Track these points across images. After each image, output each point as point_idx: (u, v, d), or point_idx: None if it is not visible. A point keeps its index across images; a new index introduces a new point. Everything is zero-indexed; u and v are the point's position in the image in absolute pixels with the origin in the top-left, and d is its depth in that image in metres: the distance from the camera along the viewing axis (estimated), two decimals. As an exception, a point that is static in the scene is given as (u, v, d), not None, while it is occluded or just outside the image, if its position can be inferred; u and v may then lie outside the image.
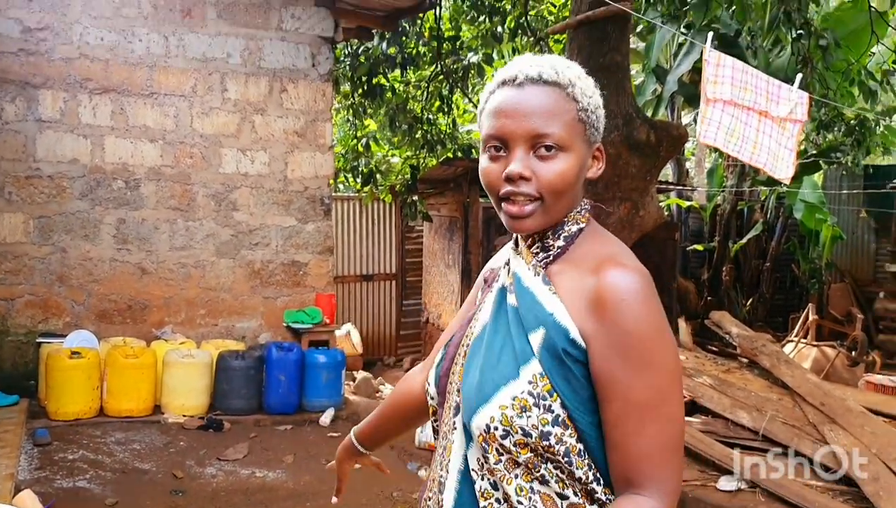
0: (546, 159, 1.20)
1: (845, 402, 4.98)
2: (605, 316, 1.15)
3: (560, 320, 1.18)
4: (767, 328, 10.31)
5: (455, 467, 1.24)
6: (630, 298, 1.15)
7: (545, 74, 1.22)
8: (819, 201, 10.44)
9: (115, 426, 5.91)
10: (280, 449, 5.65)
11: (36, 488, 4.35)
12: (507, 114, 1.22)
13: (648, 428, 1.12)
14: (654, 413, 1.12)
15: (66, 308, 6.64)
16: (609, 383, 1.13)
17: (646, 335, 1.14)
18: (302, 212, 7.37)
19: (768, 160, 4.70)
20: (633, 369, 1.13)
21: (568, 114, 1.22)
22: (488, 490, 1.19)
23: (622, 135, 5.48)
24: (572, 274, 1.23)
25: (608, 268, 1.18)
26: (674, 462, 1.14)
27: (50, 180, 6.57)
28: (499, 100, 1.24)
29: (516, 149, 1.21)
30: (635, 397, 1.12)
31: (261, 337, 7.21)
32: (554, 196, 1.21)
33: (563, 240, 1.27)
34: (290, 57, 7.27)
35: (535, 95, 1.22)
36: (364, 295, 10.40)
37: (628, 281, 1.16)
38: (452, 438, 1.25)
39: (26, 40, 6.45)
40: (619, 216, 5.56)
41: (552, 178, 1.20)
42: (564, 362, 1.16)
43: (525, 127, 1.20)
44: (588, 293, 1.18)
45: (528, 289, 1.24)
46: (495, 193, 1.24)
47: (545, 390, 1.15)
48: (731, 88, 4.59)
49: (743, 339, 6.08)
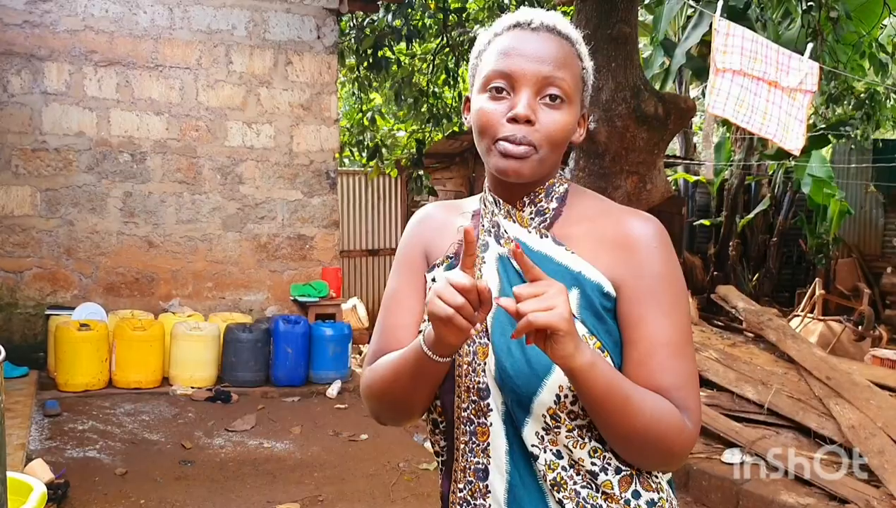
0: (552, 108, 1.18)
1: (851, 376, 4.98)
2: (635, 263, 1.18)
3: (591, 276, 1.18)
4: (774, 303, 10.31)
5: (500, 448, 1.19)
6: (659, 244, 1.20)
7: (559, 26, 1.21)
8: (827, 176, 10.38)
9: (125, 397, 5.97)
10: (287, 421, 5.69)
11: (47, 458, 4.40)
12: (521, 52, 1.18)
13: (678, 364, 1.16)
14: (681, 350, 1.17)
15: (74, 280, 6.67)
16: (638, 324, 1.17)
17: (674, 278, 1.20)
18: (308, 185, 7.37)
19: (778, 130, 4.66)
20: (663, 311, 1.17)
21: (576, 67, 1.21)
22: (553, 462, 1.17)
23: (630, 107, 5.42)
24: (581, 232, 1.22)
25: (630, 218, 1.22)
26: (697, 392, 1.19)
27: (56, 153, 6.57)
28: (511, 39, 1.20)
29: (522, 92, 1.17)
30: (666, 336, 1.16)
31: (268, 310, 7.24)
32: (550, 147, 1.18)
33: (556, 201, 1.25)
34: (296, 29, 7.22)
35: (551, 41, 1.19)
36: (370, 269, 10.42)
37: (653, 228, 1.21)
38: (487, 421, 1.20)
39: (31, 12, 6.42)
40: (626, 190, 5.52)
41: (554, 128, 1.17)
42: (604, 317, 1.17)
43: (538, 68, 1.17)
44: (610, 243, 1.20)
45: (542, 253, 1.21)
46: (491, 135, 1.18)
47: (596, 348, 1.15)
48: (740, 58, 4.54)
49: (749, 313, 6.08)
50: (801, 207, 11.52)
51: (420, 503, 4.29)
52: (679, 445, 1.14)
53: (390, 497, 4.34)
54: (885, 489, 4.04)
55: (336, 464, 4.85)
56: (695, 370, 1.20)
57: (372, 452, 5.09)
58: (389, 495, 4.38)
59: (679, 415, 1.14)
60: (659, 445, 1.13)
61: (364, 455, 5.03)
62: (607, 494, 1.16)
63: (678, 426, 1.13)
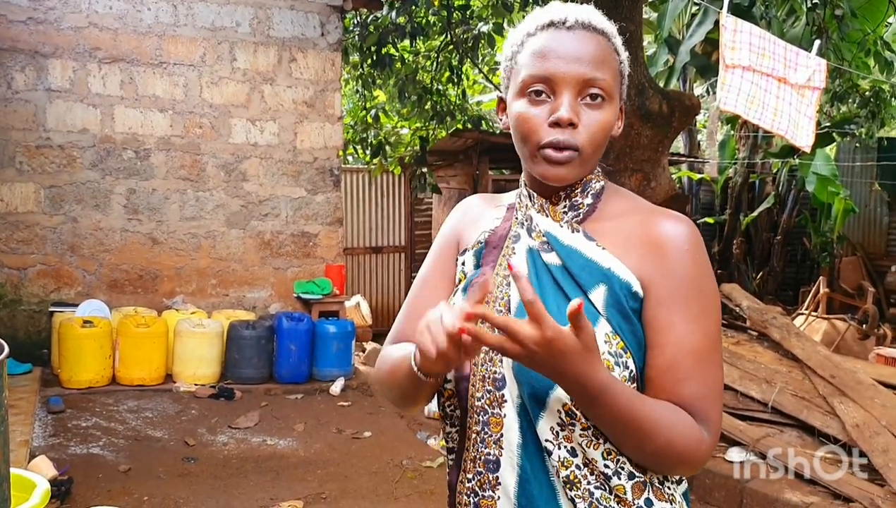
0: (593, 108, 1.16)
1: (856, 375, 4.97)
2: (665, 264, 1.15)
3: (620, 274, 1.16)
4: (778, 301, 10.27)
5: (513, 441, 1.17)
6: (691, 247, 1.16)
7: (595, 21, 1.18)
8: (832, 174, 10.34)
9: (128, 394, 5.97)
10: (291, 418, 5.69)
11: (50, 454, 4.41)
12: (559, 54, 1.15)
13: (703, 373, 1.13)
14: (708, 359, 1.14)
15: (78, 277, 6.67)
16: (665, 329, 1.14)
17: (706, 283, 1.17)
18: (311, 182, 7.37)
19: (789, 127, 4.65)
20: (692, 316, 1.14)
21: (614, 63, 1.19)
22: (567, 459, 1.14)
23: (634, 105, 5.42)
24: (612, 228, 1.20)
25: (664, 219, 1.19)
26: (720, 403, 1.16)
27: (60, 150, 6.57)
28: (546, 40, 1.17)
29: (563, 94, 1.15)
30: (693, 343, 1.13)
31: (271, 307, 7.24)
32: (594, 147, 1.17)
33: (591, 197, 1.23)
34: (300, 26, 7.22)
35: (588, 39, 1.17)
36: (373, 267, 10.42)
37: (687, 231, 1.17)
38: (501, 412, 1.18)
39: (35, 9, 6.42)
40: (631, 187, 5.51)
41: (596, 129, 1.16)
42: (630, 317, 1.15)
43: (578, 70, 1.14)
44: (640, 242, 1.17)
45: (572, 247, 1.19)
46: (535, 142, 1.16)
47: (619, 348, 1.13)
48: (748, 54, 4.53)
49: (753, 312, 6.06)
50: (806, 205, 11.49)
51: (423, 500, 4.29)
52: (696, 459, 1.12)
53: (393, 495, 4.34)
54: (890, 487, 4.03)
55: (339, 461, 4.85)
56: (720, 379, 1.17)
57: (375, 449, 5.09)
58: (393, 492, 4.38)
59: (697, 430, 1.11)
60: (675, 460, 1.12)
61: (367, 453, 5.03)
62: (620, 498, 1.14)
63: (695, 442, 1.11)
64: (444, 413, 1.28)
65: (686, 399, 1.12)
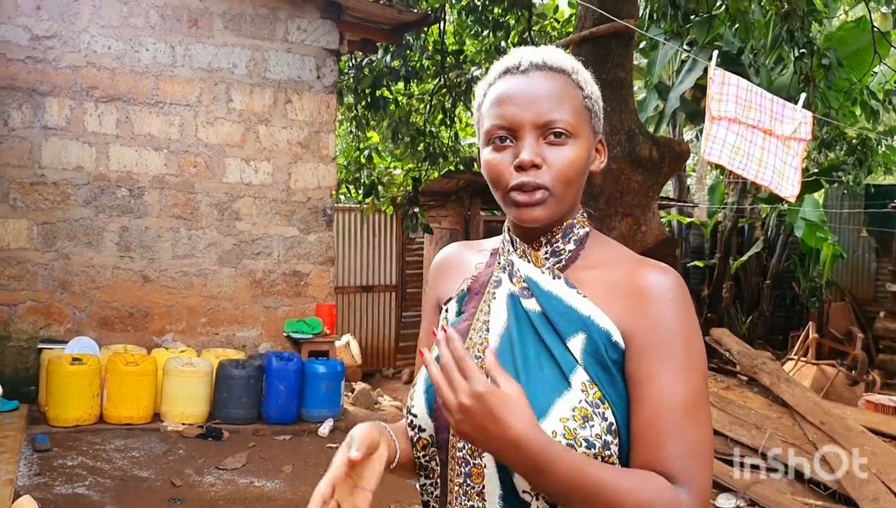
0: (556, 146, 1.16)
1: (845, 421, 4.98)
2: (648, 315, 1.12)
3: (600, 323, 1.13)
4: (767, 346, 10.31)
5: (494, 493, 1.14)
6: (676, 297, 1.13)
7: (549, 60, 1.19)
8: (820, 220, 10.46)
9: (115, 433, 5.92)
10: (279, 459, 5.65)
11: (35, 494, 4.35)
12: (515, 101, 1.16)
13: (687, 430, 1.08)
14: (694, 414, 1.09)
15: (68, 314, 6.65)
16: (646, 382, 1.10)
17: (691, 335, 1.13)
18: (304, 222, 7.40)
19: (773, 178, 4.72)
20: (675, 369, 1.10)
21: (575, 99, 1.18)
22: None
23: (625, 150, 5.50)
24: (595, 277, 1.19)
25: (648, 269, 1.16)
26: (707, 464, 1.10)
27: (54, 187, 6.60)
28: (503, 88, 1.19)
29: (525, 138, 1.15)
30: (676, 397, 1.08)
31: (261, 346, 7.22)
32: (564, 185, 1.16)
33: (573, 243, 1.23)
34: (296, 68, 7.32)
35: (542, 81, 1.17)
36: (364, 306, 10.41)
37: (672, 281, 1.14)
38: (482, 462, 1.15)
39: (34, 48, 6.50)
40: (621, 231, 5.57)
41: (562, 166, 1.15)
42: (609, 368, 1.12)
43: (535, 112, 1.15)
44: (623, 291, 1.15)
45: (552, 294, 1.18)
46: (503, 186, 1.17)
47: (596, 398, 1.10)
48: (735, 106, 4.61)
49: (743, 357, 6.09)
50: (794, 250, 11.59)
51: (412, 545, 4.25)
52: None
53: (382, 539, 4.30)
54: (880, 536, 4.02)
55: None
56: (708, 436, 1.10)
57: (364, 492, 5.03)
58: (381, 536, 4.34)
59: (670, 495, 1.04)
60: None
61: (356, 496, 4.97)
62: None
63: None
64: (419, 464, 1.25)
65: (667, 457, 1.07)
